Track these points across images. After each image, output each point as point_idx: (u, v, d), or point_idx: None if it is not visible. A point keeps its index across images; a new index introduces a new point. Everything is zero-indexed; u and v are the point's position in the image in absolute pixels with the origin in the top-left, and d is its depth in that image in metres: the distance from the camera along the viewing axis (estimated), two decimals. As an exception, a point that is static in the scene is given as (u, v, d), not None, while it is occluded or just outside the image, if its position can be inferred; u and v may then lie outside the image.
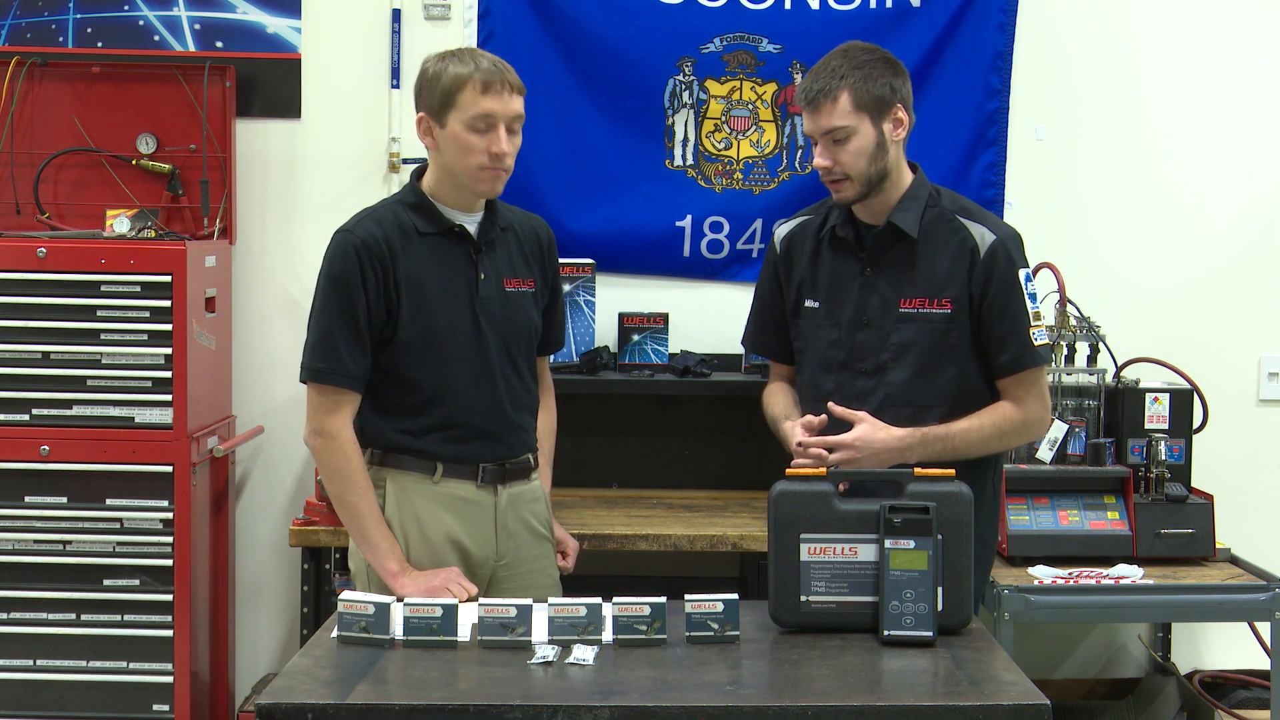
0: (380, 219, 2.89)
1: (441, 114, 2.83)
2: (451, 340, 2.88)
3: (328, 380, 2.84)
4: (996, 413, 2.90)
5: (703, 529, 3.70)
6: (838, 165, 2.85)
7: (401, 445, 2.91)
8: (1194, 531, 3.61)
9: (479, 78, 2.80)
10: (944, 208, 2.93)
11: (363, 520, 2.86)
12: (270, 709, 2.15)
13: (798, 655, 2.41)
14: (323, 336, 2.84)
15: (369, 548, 2.86)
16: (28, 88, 4.10)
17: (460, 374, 2.89)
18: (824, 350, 2.96)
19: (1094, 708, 4.17)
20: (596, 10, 4.17)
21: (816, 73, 2.88)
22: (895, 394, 2.89)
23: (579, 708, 2.14)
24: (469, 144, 2.82)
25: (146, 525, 3.76)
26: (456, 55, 2.86)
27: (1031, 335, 2.89)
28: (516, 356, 2.97)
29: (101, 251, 3.73)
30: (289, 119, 4.22)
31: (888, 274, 2.92)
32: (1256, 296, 4.30)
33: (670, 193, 4.24)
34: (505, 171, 2.87)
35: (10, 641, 3.76)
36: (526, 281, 2.99)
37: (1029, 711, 2.16)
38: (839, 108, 2.83)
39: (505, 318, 2.93)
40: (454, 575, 2.84)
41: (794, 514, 2.53)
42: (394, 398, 2.90)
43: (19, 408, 3.73)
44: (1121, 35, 4.25)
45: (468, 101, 2.80)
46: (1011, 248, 2.90)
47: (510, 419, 2.96)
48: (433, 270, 2.88)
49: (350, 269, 2.82)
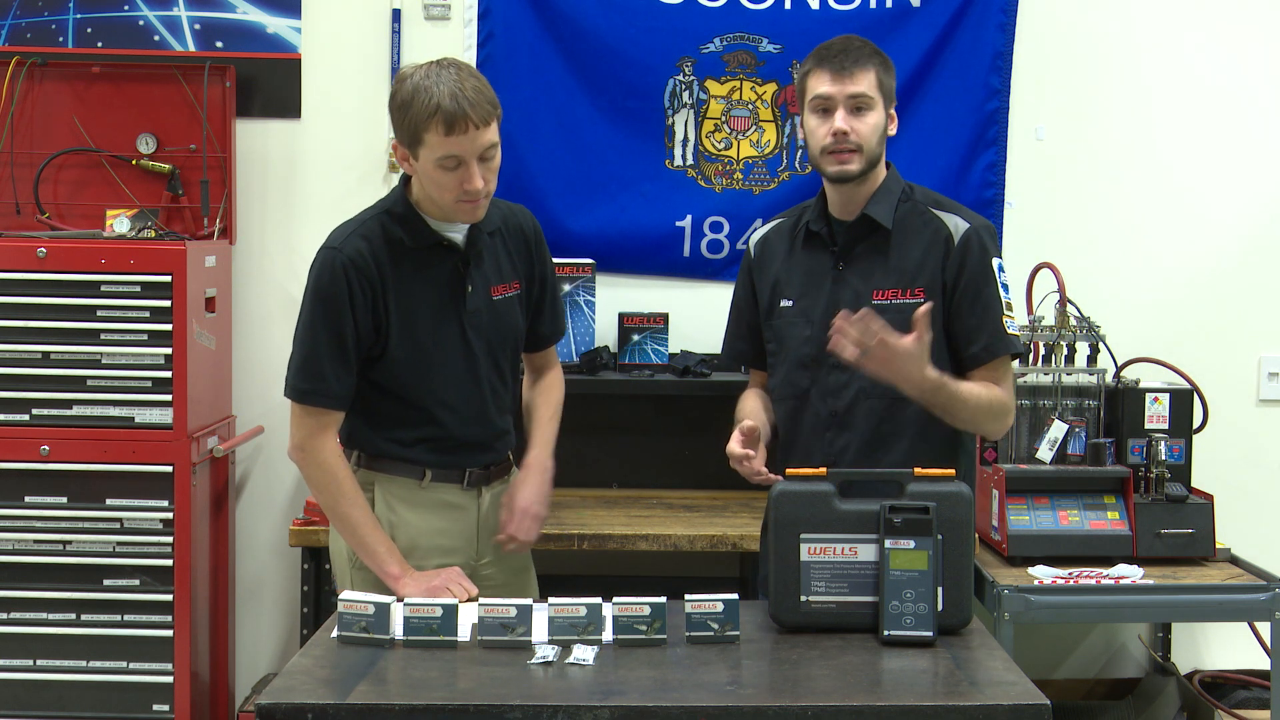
0: (368, 234, 2.83)
1: (413, 148, 2.75)
2: (440, 356, 2.87)
3: (312, 401, 2.82)
4: (990, 389, 2.87)
5: (703, 529, 3.70)
6: (854, 133, 2.83)
7: (390, 453, 2.92)
8: (1194, 531, 3.61)
9: (441, 118, 2.66)
10: (917, 201, 2.94)
11: (358, 529, 2.85)
12: (270, 709, 2.15)
13: (798, 655, 2.41)
14: (308, 356, 2.81)
15: (368, 554, 2.86)
16: (28, 88, 4.10)
17: (449, 389, 2.89)
18: (798, 348, 2.94)
19: (1094, 708, 4.17)
20: (596, 10, 4.17)
21: (841, 45, 2.87)
22: (870, 386, 2.85)
23: (579, 708, 2.14)
24: (441, 181, 2.74)
25: (146, 525, 3.76)
26: (423, 84, 2.70)
27: (1004, 324, 2.88)
28: (501, 362, 2.97)
29: (101, 251, 3.73)
30: (289, 119, 4.22)
31: (860, 267, 2.91)
32: (1256, 296, 4.30)
33: (670, 193, 4.25)
34: (485, 198, 2.80)
35: (10, 641, 3.77)
36: (512, 285, 2.97)
37: (1029, 711, 2.16)
38: (868, 79, 2.84)
39: (493, 327, 2.93)
40: (455, 575, 2.84)
41: (794, 514, 2.53)
42: (383, 409, 2.89)
43: (19, 408, 3.73)
44: (1121, 35, 4.25)
45: (433, 142, 2.70)
46: (985, 237, 2.90)
47: (495, 424, 2.98)
48: (421, 286, 2.85)
49: (338, 288, 2.78)
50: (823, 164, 2.88)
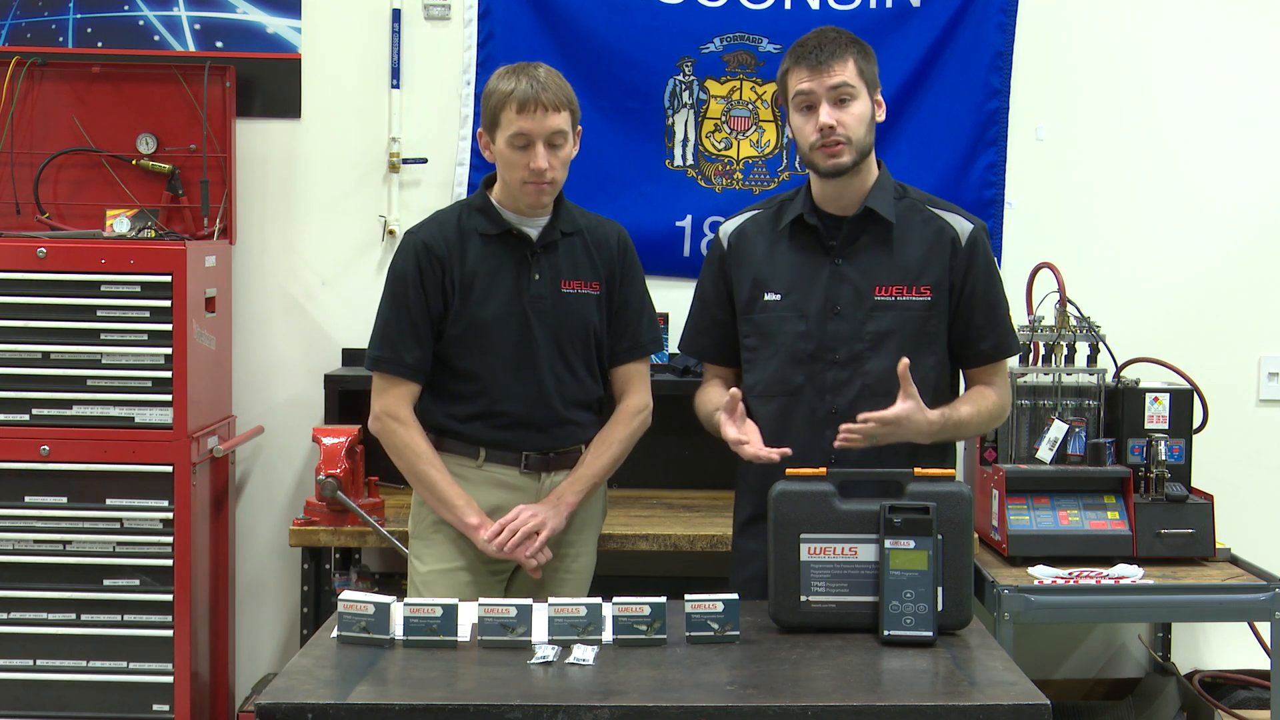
0: (444, 221, 3.10)
1: (492, 131, 3.03)
2: (498, 333, 3.04)
3: (383, 369, 3.07)
4: (985, 399, 2.92)
5: (703, 529, 3.70)
6: (841, 126, 2.82)
7: (449, 429, 3.09)
8: (1194, 531, 3.61)
9: (516, 97, 2.96)
10: (913, 199, 2.95)
11: (435, 485, 3.05)
12: (270, 709, 2.15)
13: (798, 655, 2.41)
14: (381, 328, 3.09)
15: (447, 509, 3.05)
16: (28, 88, 4.10)
17: (504, 365, 3.05)
18: (791, 343, 2.91)
19: (1094, 708, 4.17)
20: (596, 10, 4.17)
21: (815, 40, 2.86)
22: (874, 384, 2.85)
23: (579, 708, 2.14)
24: (511, 160, 3.00)
25: (146, 525, 3.76)
26: (510, 73, 3.02)
27: (1011, 322, 2.96)
28: (570, 354, 3.09)
29: (101, 251, 3.73)
30: (289, 119, 4.22)
31: (859, 262, 2.90)
32: (1257, 296, 4.30)
33: (670, 193, 4.25)
34: (550, 185, 3.02)
35: (10, 641, 3.76)
36: (590, 285, 3.12)
37: (1029, 711, 2.16)
38: (848, 68, 2.83)
39: (558, 316, 3.07)
40: (523, 518, 3.01)
41: (794, 514, 2.53)
42: (446, 385, 3.09)
43: (19, 408, 3.73)
44: (1122, 35, 4.25)
45: (507, 120, 2.97)
46: (986, 238, 2.96)
47: (557, 412, 3.09)
48: (488, 268, 3.06)
49: (410, 267, 3.05)
50: (814, 160, 2.86)
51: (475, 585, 3.06)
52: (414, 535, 3.18)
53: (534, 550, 3.02)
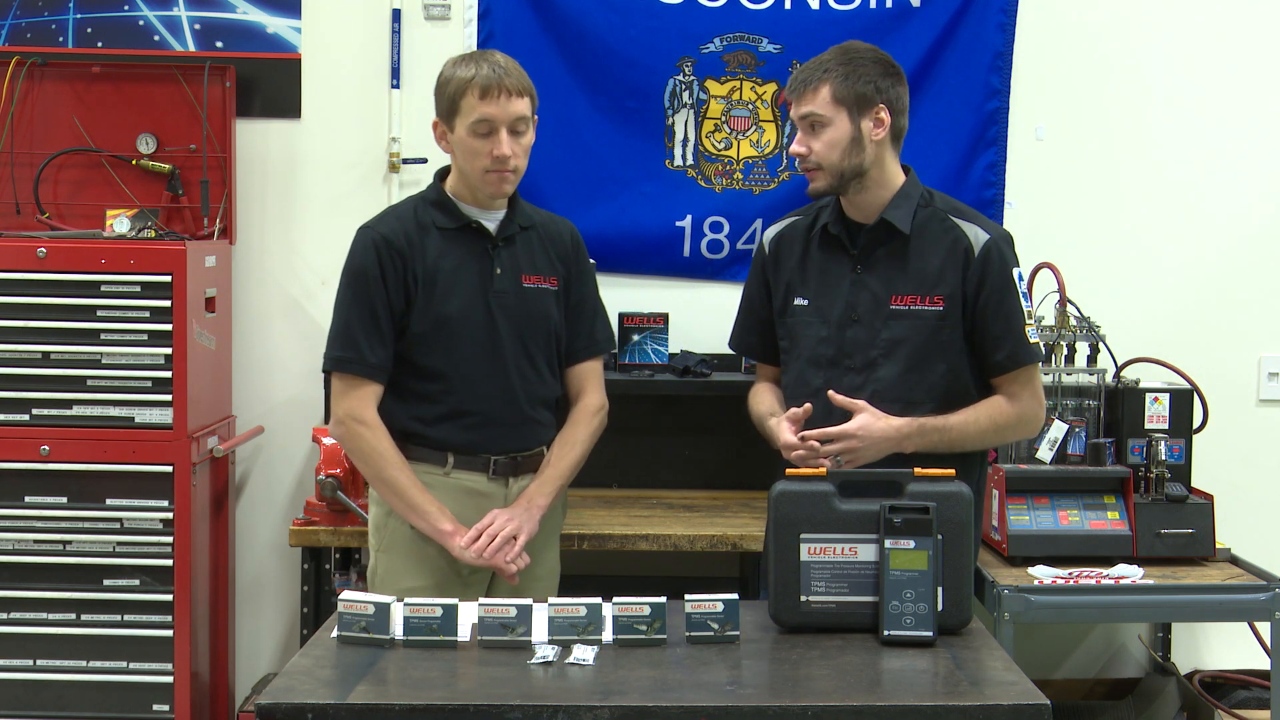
0: (401, 215, 3.02)
1: (449, 119, 2.94)
2: (463, 329, 2.97)
3: (346, 369, 2.97)
4: (992, 406, 2.93)
5: (703, 529, 3.70)
6: (811, 154, 2.90)
7: (415, 433, 2.99)
8: (1194, 531, 3.61)
9: (478, 83, 2.89)
10: (936, 208, 2.96)
11: (405, 492, 2.95)
12: (270, 709, 2.15)
13: (798, 655, 2.41)
14: (342, 327, 2.98)
15: (418, 515, 2.95)
16: (28, 88, 4.10)
17: (471, 362, 2.97)
18: (812, 347, 2.97)
19: (1094, 708, 4.16)
20: (596, 10, 4.17)
21: (808, 64, 2.95)
22: (884, 390, 2.90)
23: (579, 708, 2.14)
24: (473, 148, 2.92)
25: (146, 525, 3.76)
26: (466, 60, 2.95)
27: (1026, 333, 2.94)
28: (534, 351, 3.04)
29: (101, 251, 3.73)
30: (289, 119, 4.22)
31: (879, 271, 2.94)
32: (1256, 296, 4.30)
33: (670, 193, 4.25)
34: (512, 173, 2.95)
35: (10, 641, 3.76)
36: (548, 280, 3.06)
37: (1029, 711, 2.16)
38: (819, 97, 2.88)
39: (521, 311, 3.01)
40: (500, 523, 2.94)
41: (794, 514, 2.53)
42: (409, 384, 3.00)
43: (19, 408, 3.73)
44: (1121, 35, 4.25)
45: (468, 107, 2.90)
46: (1004, 247, 2.94)
47: (523, 411, 3.03)
48: (448, 263, 2.98)
49: (370, 262, 2.95)
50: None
51: None
52: (378, 548, 3.07)
53: (513, 555, 2.97)
